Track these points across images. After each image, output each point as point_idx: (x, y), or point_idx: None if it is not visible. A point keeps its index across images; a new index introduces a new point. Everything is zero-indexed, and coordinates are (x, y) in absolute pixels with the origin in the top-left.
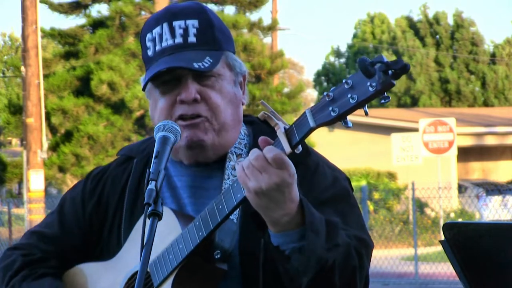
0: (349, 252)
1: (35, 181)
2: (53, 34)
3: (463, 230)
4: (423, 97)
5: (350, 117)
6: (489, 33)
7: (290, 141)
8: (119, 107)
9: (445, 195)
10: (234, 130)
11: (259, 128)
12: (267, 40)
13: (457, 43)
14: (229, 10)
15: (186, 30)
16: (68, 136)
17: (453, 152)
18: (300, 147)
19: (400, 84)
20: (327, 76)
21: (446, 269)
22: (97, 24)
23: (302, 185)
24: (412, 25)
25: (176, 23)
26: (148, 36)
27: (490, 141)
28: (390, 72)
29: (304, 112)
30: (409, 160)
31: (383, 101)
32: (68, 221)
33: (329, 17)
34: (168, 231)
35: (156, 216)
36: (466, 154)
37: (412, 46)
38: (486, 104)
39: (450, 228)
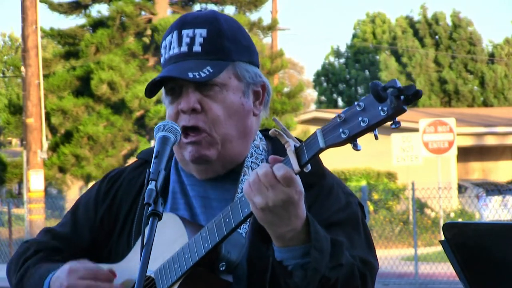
0: (352, 272)
1: (35, 181)
2: (53, 34)
3: (463, 230)
4: (423, 97)
5: None
6: (488, 33)
7: (299, 159)
8: (119, 107)
9: (445, 195)
10: (241, 141)
11: (280, 144)
12: (267, 40)
13: (455, 43)
14: (229, 10)
15: (192, 39)
16: (68, 136)
17: (453, 152)
18: (309, 166)
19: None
20: (327, 76)
21: (446, 269)
22: (97, 24)
23: (314, 206)
24: (412, 25)
25: (184, 32)
26: (163, 43)
27: (490, 141)
28: (402, 97)
29: (315, 132)
30: (409, 160)
31: (393, 126)
32: (80, 221)
33: (329, 17)
34: (175, 239)
35: (156, 216)
36: (466, 154)
37: (411, 46)
38: (485, 104)
39: (450, 228)
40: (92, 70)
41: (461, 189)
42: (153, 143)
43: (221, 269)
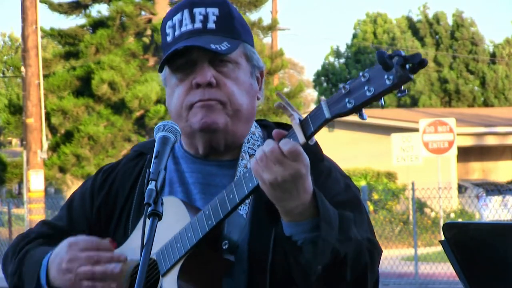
0: (361, 249)
1: (35, 181)
2: (53, 34)
3: (463, 230)
4: (423, 97)
5: (349, 118)
6: (489, 33)
7: (305, 132)
8: (119, 107)
9: (445, 195)
10: (247, 122)
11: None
12: (267, 40)
13: (457, 43)
14: None
15: (206, 16)
16: (68, 137)
17: (453, 152)
18: (314, 138)
19: None
20: (327, 76)
21: (446, 269)
22: (97, 24)
23: (315, 187)
24: (411, 25)
25: (196, 10)
26: (168, 23)
27: (490, 141)
28: (407, 66)
29: (320, 104)
30: (409, 160)
31: (399, 94)
32: (76, 213)
33: (329, 17)
34: (177, 220)
35: (156, 216)
36: (466, 154)
37: (411, 46)
38: (486, 104)
39: (450, 228)
40: (92, 70)
41: (461, 189)
42: None
43: (224, 247)
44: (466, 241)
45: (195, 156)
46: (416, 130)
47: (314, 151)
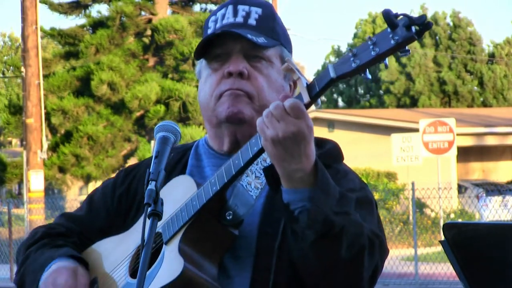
0: (360, 231)
1: (35, 182)
2: (53, 34)
3: (463, 230)
4: (423, 98)
5: (349, 118)
6: (489, 33)
7: (310, 92)
8: (119, 107)
9: (445, 196)
10: None
11: None
12: None
13: (455, 44)
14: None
15: (248, 13)
16: (68, 137)
17: (453, 152)
18: (319, 101)
19: (399, 84)
20: None
21: (446, 269)
22: (97, 24)
23: None
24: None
25: (240, 7)
26: (212, 18)
27: (490, 141)
28: (413, 28)
29: (327, 66)
30: (409, 161)
31: (402, 54)
32: (96, 204)
33: (330, 17)
34: (185, 196)
35: (156, 216)
36: (466, 154)
37: (410, 46)
38: (485, 104)
39: (450, 228)
40: (92, 71)
41: (461, 189)
42: (153, 143)
43: (228, 217)
44: (466, 241)
45: (218, 152)
46: (416, 130)
47: (334, 154)
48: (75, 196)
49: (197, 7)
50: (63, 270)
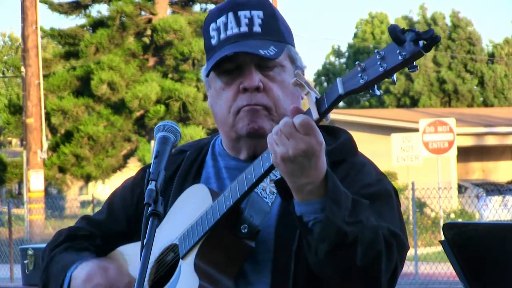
0: (375, 236)
1: (35, 181)
2: (53, 34)
3: (463, 230)
4: (423, 98)
5: (349, 118)
6: (489, 33)
7: (319, 108)
8: (119, 107)
9: (445, 195)
10: None
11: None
12: None
13: (454, 43)
14: None
15: (251, 19)
16: (68, 137)
17: (453, 152)
18: (329, 116)
19: (399, 84)
20: (328, 76)
21: (446, 269)
22: (97, 24)
23: (345, 180)
24: (411, 25)
25: (241, 13)
26: (212, 25)
27: (490, 141)
28: (420, 42)
29: (335, 81)
30: (409, 160)
31: (411, 70)
32: (116, 207)
33: (330, 17)
34: (201, 206)
35: (156, 216)
36: (466, 154)
37: None
38: (485, 103)
39: (450, 228)
40: (92, 70)
41: (461, 189)
42: (153, 143)
43: (243, 231)
44: (466, 241)
45: (235, 157)
46: (416, 130)
47: (348, 147)
48: (75, 196)
49: (197, 7)
50: (91, 263)
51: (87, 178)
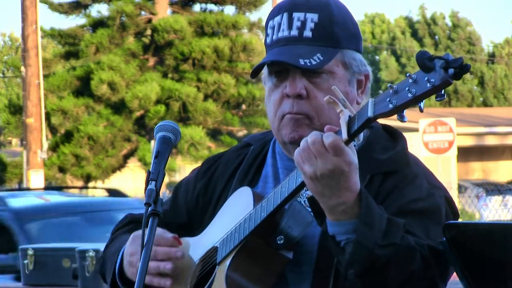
0: (410, 256)
1: (35, 181)
2: (53, 34)
3: (463, 230)
4: None
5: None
6: (488, 33)
7: (349, 129)
8: (119, 107)
9: None
10: None
11: (376, 133)
12: None
13: (454, 43)
14: (229, 10)
15: (303, 23)
16: (68, 137)
17: (453, 152)
18: (361, 136)
19: None
20: None
21: None
22: (97, 24)
23: (393, 193)
24: (411, 25)
25: (295, 15)
26: (270, 23)
27: (490, 141)
28: (450, 70)
29: (368, 102)
30: None
31: (438, 98)
32: (179, 199)
33: None
34: (243, 210)
35: (156, 216)
36: (466, 154)
37: (410, 46)
38: (485, 103)
39: (450, 228)
40: (92, 70)
41: (461, 189)
42: (153, 143)
43: (278, 242)
44: (466, 241)
45: (291, 159)
46: (416, 130)
47: (402, 157)
48: None
49: (197, 7)
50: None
51: (87, 178)
